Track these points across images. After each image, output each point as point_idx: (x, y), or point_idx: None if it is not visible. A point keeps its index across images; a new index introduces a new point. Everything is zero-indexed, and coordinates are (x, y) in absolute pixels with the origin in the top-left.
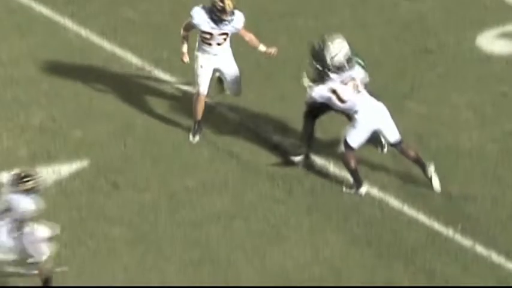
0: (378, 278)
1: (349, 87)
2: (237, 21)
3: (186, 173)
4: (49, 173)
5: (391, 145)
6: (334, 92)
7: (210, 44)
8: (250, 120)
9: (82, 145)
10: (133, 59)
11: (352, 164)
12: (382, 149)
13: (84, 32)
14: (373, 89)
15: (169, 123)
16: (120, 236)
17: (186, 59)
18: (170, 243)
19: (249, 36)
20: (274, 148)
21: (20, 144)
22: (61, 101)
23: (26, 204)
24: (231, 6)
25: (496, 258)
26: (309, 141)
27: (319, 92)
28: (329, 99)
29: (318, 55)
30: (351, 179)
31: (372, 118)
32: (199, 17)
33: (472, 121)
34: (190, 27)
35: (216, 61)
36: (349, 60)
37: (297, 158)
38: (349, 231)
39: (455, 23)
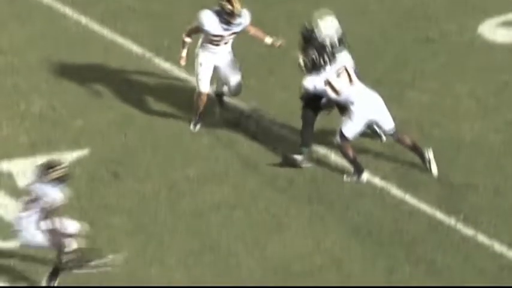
0: (379, 267)
1: (343, 79)
2: (244, 19)
3: (186, 163)
4: None
5: (387, 134)
6: (329, 83)
7: (217, 45)
8: (252, 110)
9: (82, 134)
10: (134, 47)
11: (350, 153)
12: (381, 140)
13: (84, 20)
14: (374, 78)
15: (170, 113)
16: (120, 226)
17: (184, 63)
18: (170, 233)
19: (255, 31)
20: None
21: (20, 132)
22: (61, 89)
23: (53, 194)
24: (240, 9)
25: (498, 247)
26: (311, 138)
27: (314, 83)
28: (324, 90)
29: (309, 37)
30: (351, 168)
31: (367, 109)
32: (209, 22)
33: (474, 111)
34: (196, 32)
35: (217, 58)
36: (340, 40)
37: (300, 157)
38: (350, 220)
39: (457, 12)
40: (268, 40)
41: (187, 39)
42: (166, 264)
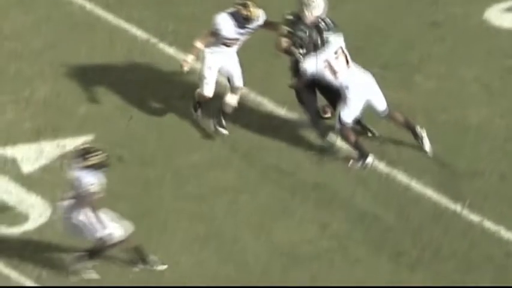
0: (385, 253)
1: (341, 60)
2: (260, 20)
3: (191, 148)
4: (54, 147)
5: (380, 114)
6: (328, 64)
7: (230, 46)
8: (257, 94)
9: (87, 120)
10: (139, 33)
11: (352, 137)
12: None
13: (88, 5)
14: (380, 63)
15: (175, 98)
16: (125, 211)
17: (187, 68)
18: (175, 219)
19: (268, 25)
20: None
21: (24, 118)
22: (66, 75)
23: (88, 180)
24: (256, 13)
25: (504, 233)
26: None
27: (314, 63)
28: (322, 71)
29: (297, 22)
30: (355, 154)
31: (362, 91)
32: (227, 26)
33: (480, 95)
34: (213, 37)
35: (225, 58)
36: (331, 21)
37: (330, 138)
38: (356, 206)
39: None
40: (283, 30)
41: (201, 46)
42: (171, 250)
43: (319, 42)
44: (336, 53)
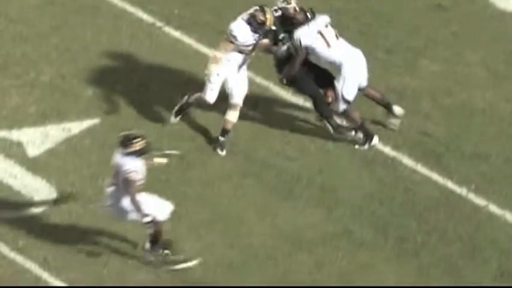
0: (390, 236)
1: (331, 31)
2: (271, 27)
3: (196, 132)
4: (59, 131)
5: (361, 88)
6: (320, 34)
7: (245, 53)
8: (262, 79)
9: (93, 103)
10: (144, 16)
11: (357, 118)
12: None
13: None
14: (385, 46)
15: (180, 81)
16: None
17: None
18: (181, 203)
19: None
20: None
21: (30, 101)
22: (71, 58)
23: (132, 165)
24: (272, 20)
25: (510, 217)
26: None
27: (307, 34)
28: (315, 42)
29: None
30: (361, 135)
31: (356, 66)
32: (243, 32)
33: (485, 79)
34: (231, 44)
35: (232, 72)
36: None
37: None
38: (361, 190)
39: None
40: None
41: (222, 55)
42: (178, 234)
43: (309, 14)
44: (326, 26)
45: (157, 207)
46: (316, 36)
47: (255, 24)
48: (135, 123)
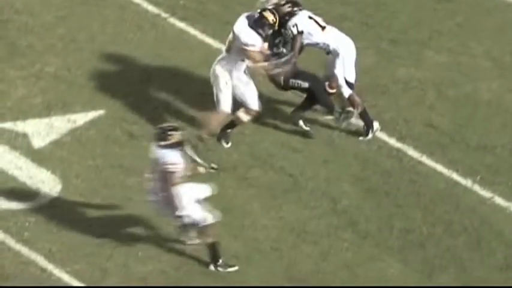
0: (395, 228)
1: (320, 18)
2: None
3: (201, 124)
4: (64, 122)
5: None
6: (312, 18)
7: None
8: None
9: (97, 94)
10: (150, 7)
11: (359, 102)
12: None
13: None
14: (390, 38)
15: (186, 73)
16: (136, 186)
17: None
18: None
19: None
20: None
21: (35, 92)
22: (76, 49)
23: (171, 158)
24: (276, 22)
25: None
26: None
27: (301, 20)
28: (309, 26)
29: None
30: (361, 125)
31: (351, 48)
32: (257, 41)
33: (490, 70)
34: (262, 53)
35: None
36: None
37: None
38: (366, 181)
39: None
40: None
41: (263, 64)
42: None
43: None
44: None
45: (198, 208)
46: (309, 21)
47: (263, 26)
48: (139, 115)
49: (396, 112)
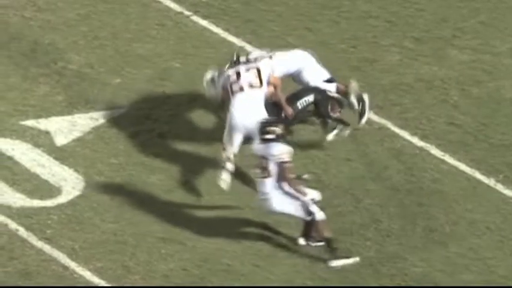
0: (418, 227)
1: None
2: None
3: (222, 120)
4: (87, 120)
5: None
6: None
7: None
8: None
9: (120, 92)
10: (172, 4)
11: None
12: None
13: None
14: (414, 36)
15: (208, 70)
16: (158, 183)
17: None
18: (209, 191)
19: None
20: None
21: (57, 90)
22: (99, 47)
23: (279, 149)
24: None
25: None
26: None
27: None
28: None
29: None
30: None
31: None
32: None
33: None
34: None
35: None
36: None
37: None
38: (389, 180)
39: None
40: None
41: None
42: (201, 224)
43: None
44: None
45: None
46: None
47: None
48: (162, 112)
49: (419, 111)
